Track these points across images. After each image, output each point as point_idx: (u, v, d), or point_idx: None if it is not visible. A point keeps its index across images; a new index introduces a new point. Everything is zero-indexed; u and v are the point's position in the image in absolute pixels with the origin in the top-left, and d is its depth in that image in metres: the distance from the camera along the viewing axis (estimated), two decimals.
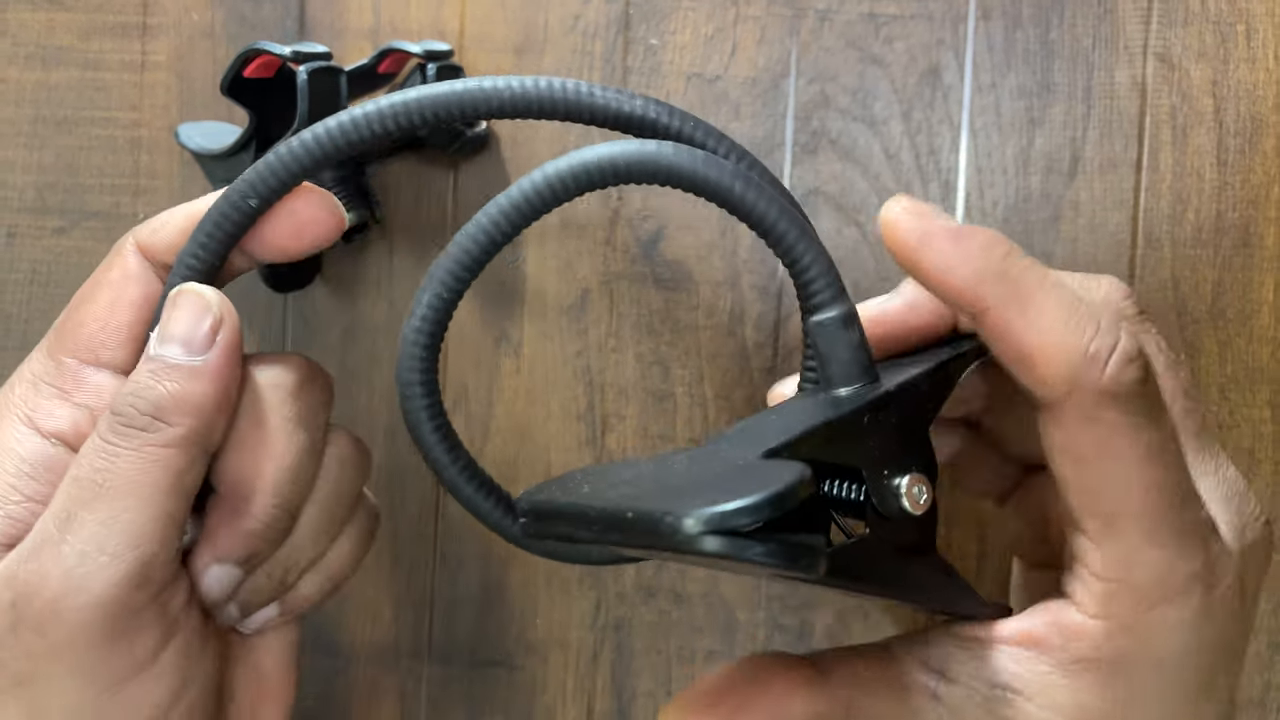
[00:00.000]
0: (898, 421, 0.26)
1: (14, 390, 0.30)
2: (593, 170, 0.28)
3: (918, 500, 0.26)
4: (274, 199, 0.29)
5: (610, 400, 0.41)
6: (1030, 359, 0.24)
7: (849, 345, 0.27)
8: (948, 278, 0.25)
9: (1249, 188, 0.39)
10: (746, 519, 0.21)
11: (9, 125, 0.43)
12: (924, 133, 0.40)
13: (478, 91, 0.28)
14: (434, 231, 0.42)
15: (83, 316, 0.30)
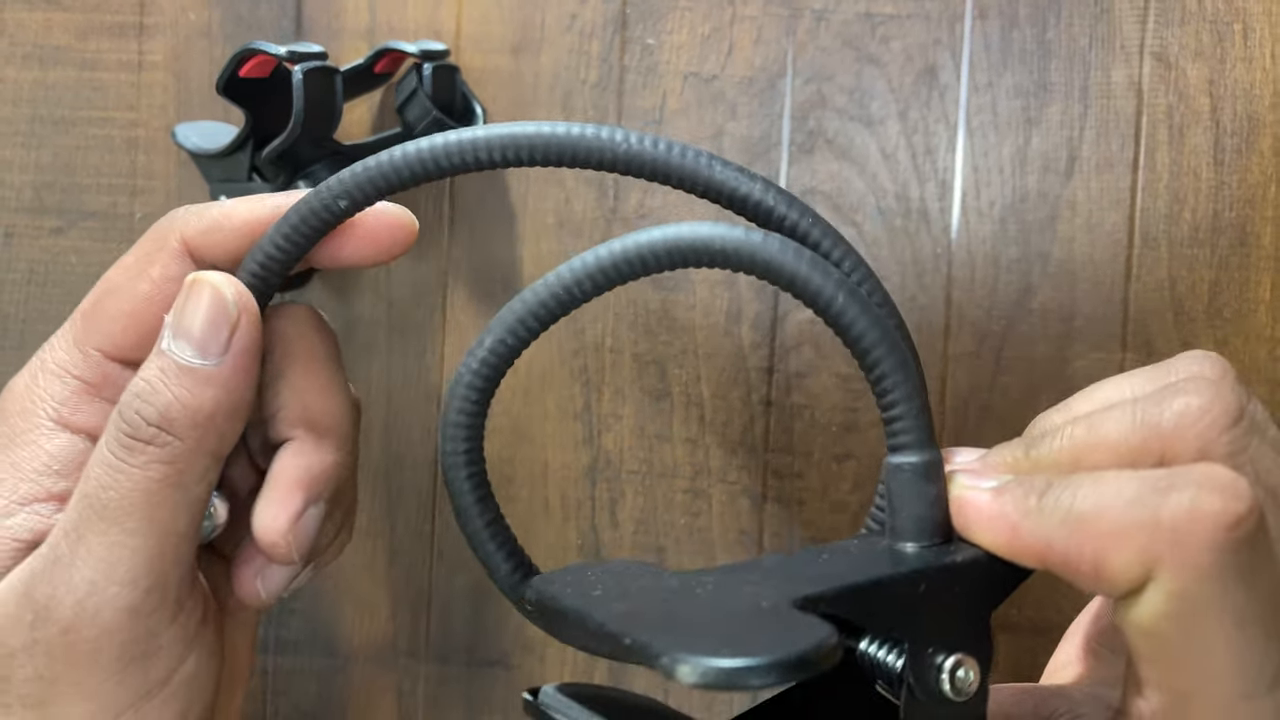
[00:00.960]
0: (957, 598, 0.23)
1: (38, 381, 0.28)
2: (694, 248, 0.25)
3: (962, 685, 0.23)
4: (366, 204, 0.28)
5: (607, 400, 0.41)
6: (1101, 568, 0.21)
7: (925, 499, 0.24)
8: (997, 543, 0.23)
9: (1246, 187, 0.39)
10: (746, 680, 0.19)
11: (6, 125, 0.43)
12: (921, 132, 0.40)
13: (594, 141, 0.26)
14: (431, 232, 0.42)
15: (114, 309, 0.28)
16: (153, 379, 0.26)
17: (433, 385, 0.42)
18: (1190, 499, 0.20)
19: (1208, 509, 0.20)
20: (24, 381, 0.29)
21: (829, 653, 0.19)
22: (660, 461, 0.41)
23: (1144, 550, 0.20)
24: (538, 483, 0.42)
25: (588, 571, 0.25)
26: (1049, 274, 0.40)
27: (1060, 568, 0.22)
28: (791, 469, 0.41)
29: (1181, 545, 0.20)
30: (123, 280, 0.28)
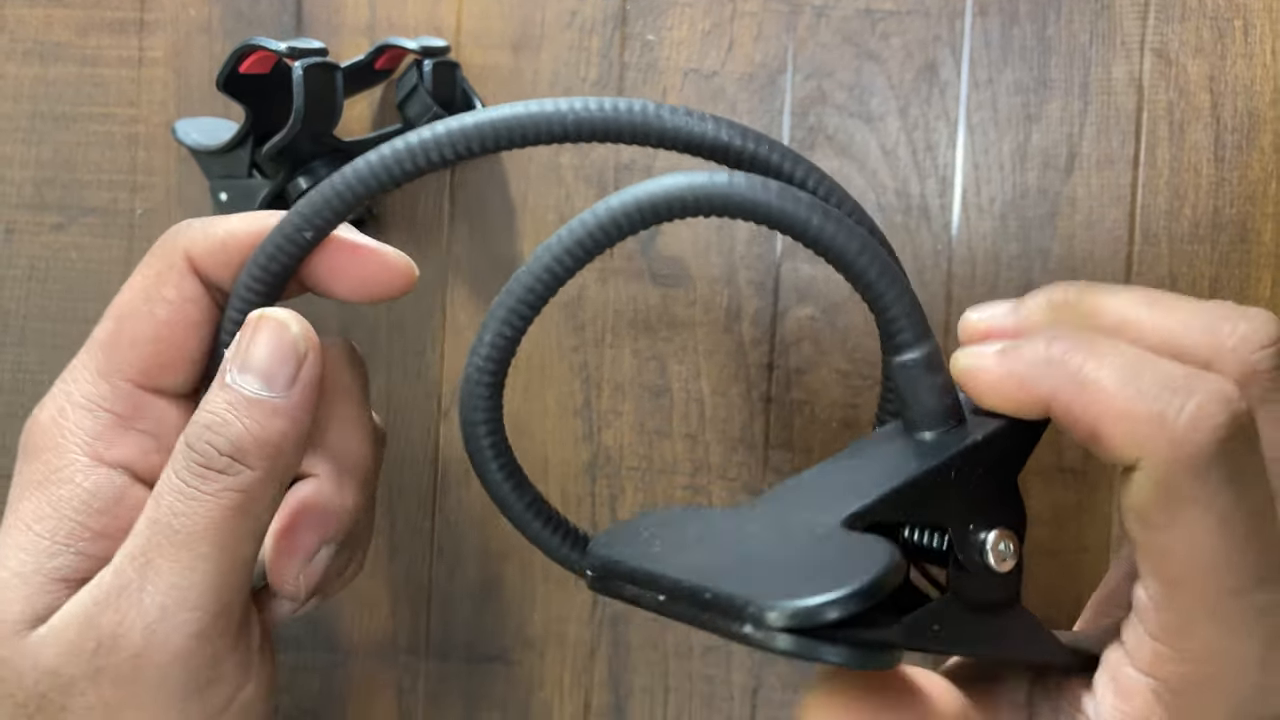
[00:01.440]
0: (985, 473, 0.24)
1: (66, 415, 0.28)
2: (660, 204, 0.26)
3: (1004, 558, 0.24)
4: (329, 229, 0.29)
5: (607, 396, 0.41)
6: (1098, 432, 0.23)
7: (933, 389, 0.26)
8: (1004, 390, 0.24)
9: (1246, 183, 0.39)
10: (835, 613, 0.20)
11: (7, 121, 0.43)
12: (921, 129, 0.40)
13: (539, 115, 0.26)
14: (430, 229, 0.42)
15: (135, 335, 0.28)
16: (221, 411, 0.26)
17: (432, 382, 0.42)
18: (1196, 404, 0.22)
19: (1205, 414, 0.21)
20: (50, 415, 0.28)
21: (897, 570, 0.20)
22: (660, 458, 0.41)
23: (1140, 435, 0.22)
24: (537, 479, 0.41)
25: (639, 528, 0.25)
26: (1049, 270, 0.40)
27: (1061, 420, 0.23)
28: (792, 465, 0.41)
29: (1173, 441, 0.22)
30: (138, 304, 0.28)
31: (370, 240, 0.29)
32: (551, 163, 0.41)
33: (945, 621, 0.24)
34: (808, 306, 0.41)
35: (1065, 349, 0.23)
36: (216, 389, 0.27)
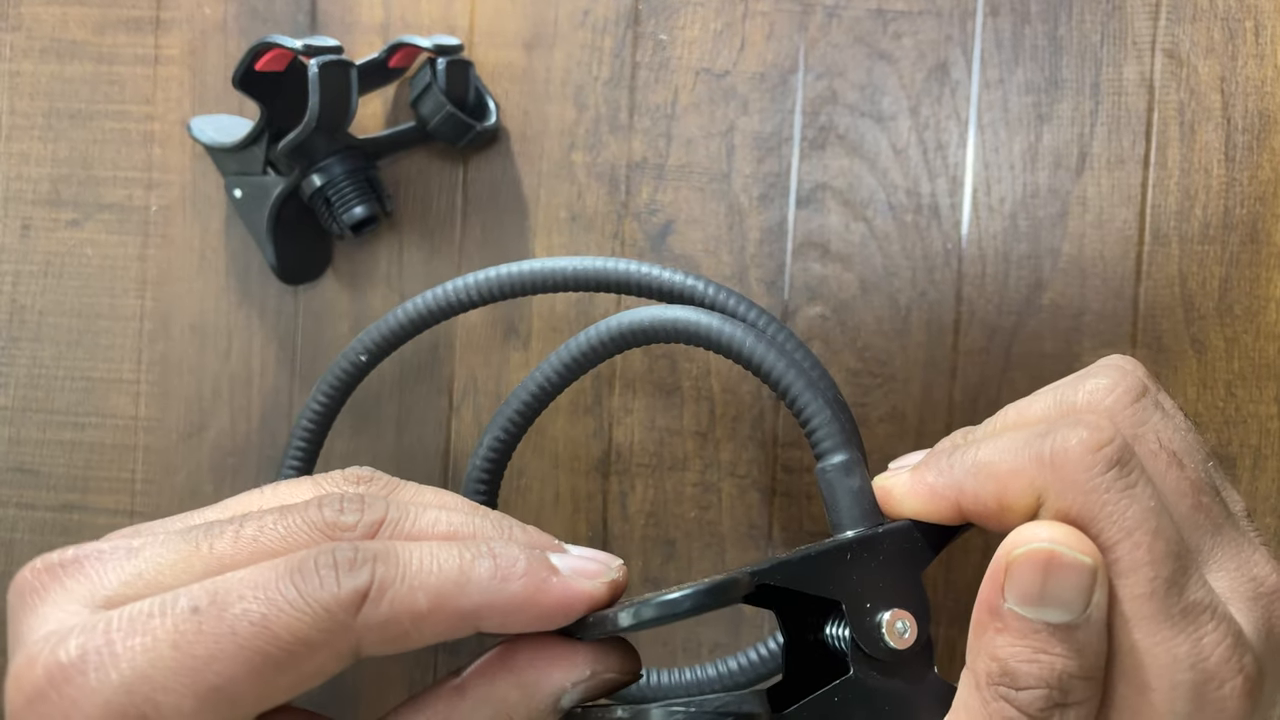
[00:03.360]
0: (885, 561, 0.27)
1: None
2: (638, 330, 0.32)
3: (900, 635, 0.26)
4: (382, 355, 0.36)
5: (618, 394, 0.42)
6: (1002, 501, 0.26)
7: (849, 491, 0.29)
8: (922, 507, 0.27)
9: (1257, 184, 0.39)
10: (687, 604, 0.24)
11: (24, 118, 0.43)
12: (931, 128, 0.40)
13: (546, 273, 0.35)
14: (444, 226, 0.42)
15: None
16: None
17: (444, 378, 0.42)
18: (1062, 435, 0.25)
19: (1075, 439, 0.24)
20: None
21: (737, 583, 0.24)
22: (670, 455, 0.41)
23: (1033, 480, 0.25)
24: (549, 475, 0.42)
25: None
26: (1059, 270, 0.40)
27: (971, 509, 0.26)
28: (801, 463, 0.41)
29: (1059, 470, 0.24)
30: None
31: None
32: (564, 160, 0.42)
33: (848, 697, 0.26)
34: (818, 305, 0.41)
35: (956, 452, 0.27)
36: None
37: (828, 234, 0.41)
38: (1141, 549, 0.24)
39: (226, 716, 0.22)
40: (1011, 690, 0.24)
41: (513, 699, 0.25)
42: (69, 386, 0.44)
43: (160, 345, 0.43)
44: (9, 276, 0.44)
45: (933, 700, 0.27)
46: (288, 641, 0.22)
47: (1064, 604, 0.24)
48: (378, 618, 0.23)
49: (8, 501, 0.44)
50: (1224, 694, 0.24)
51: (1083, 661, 0.24)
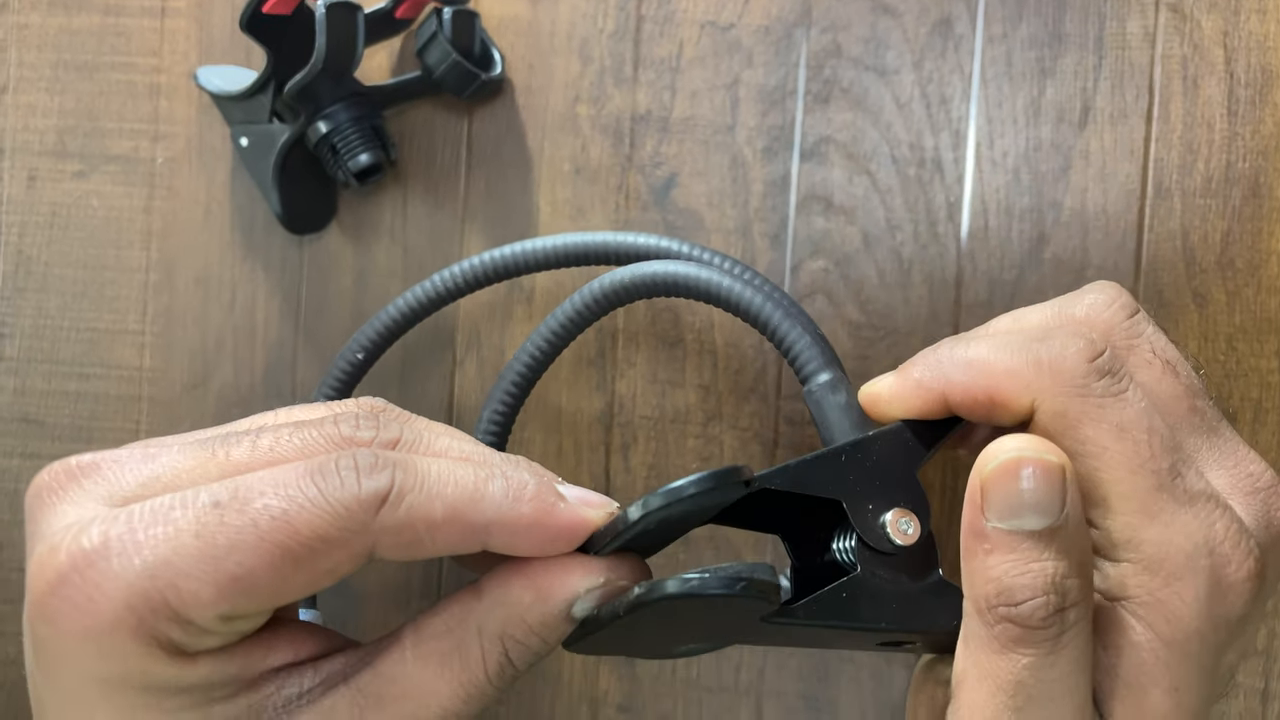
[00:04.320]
0: (880, 462, 0.28)
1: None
2: (620, 289, 0.34)
3: (904, 532, 0.27)
4: (378, 352, 0.38)
5: (621, 347, 0.42)
6: (993, 397, 0.27)
7: (837, 406, 0.30)
8: (908, 403, 0.28)
9: (1259, 138, 0.39)
10: (689, 490, 0.24)
11: (31, 70, 0.44)
12: (935, 82, 0.40)
13: (539, 250, 0.37)
14: (448, 179, 0.42)
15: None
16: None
17: (447, 330, 0.42)
18: (1060, 343, 0.26)
19: (1073, 348, 0.26)
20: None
21: (739, 471, 0.25)
22: (673, 407, 0.42)
23: (1030, 383, 0.26)
24: (552, 427, 0.42)
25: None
26: (1061, 224, 0.40)
27: (959, 403, 0.27)
28: (803, 416, 0.41)
29: (1056, 373, 0.26)
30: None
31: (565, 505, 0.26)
32: (568, 113, 0.42)
33: (856, 593, 0.27)
34: (820, 259, 0.41)
35: (946, 347, 0.28)
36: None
37: (831, 187, 0.41)
38: (1141, 445, 0.25)
39: (244, 607, 0.23)
40: (1011, 607, 0.24)
41: (526, 601, 0.25)
42: (74, 338, 0.44)
43: (165, 297, 0.43)
44: (15, 228, 0.44)
45: (937, 599, 0.27)
46: (307, 537, 0.22)
47: (1042, 508, 0.24)
48: (395, 521, 0.23)
49: (12, 452, 0.44)
50: (1239, 575, 0.25)
51: (1071, 560, 0.24)
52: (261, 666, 0.25)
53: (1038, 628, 0.24)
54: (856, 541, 0.27)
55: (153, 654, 0.22)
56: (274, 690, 0.25)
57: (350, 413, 0.25)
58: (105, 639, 0.22)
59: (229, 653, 0.24)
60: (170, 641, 0.23)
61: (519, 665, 0.26)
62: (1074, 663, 0.25)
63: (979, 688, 0.25)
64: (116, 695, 0.23)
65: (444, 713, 0.25)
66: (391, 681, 0.25)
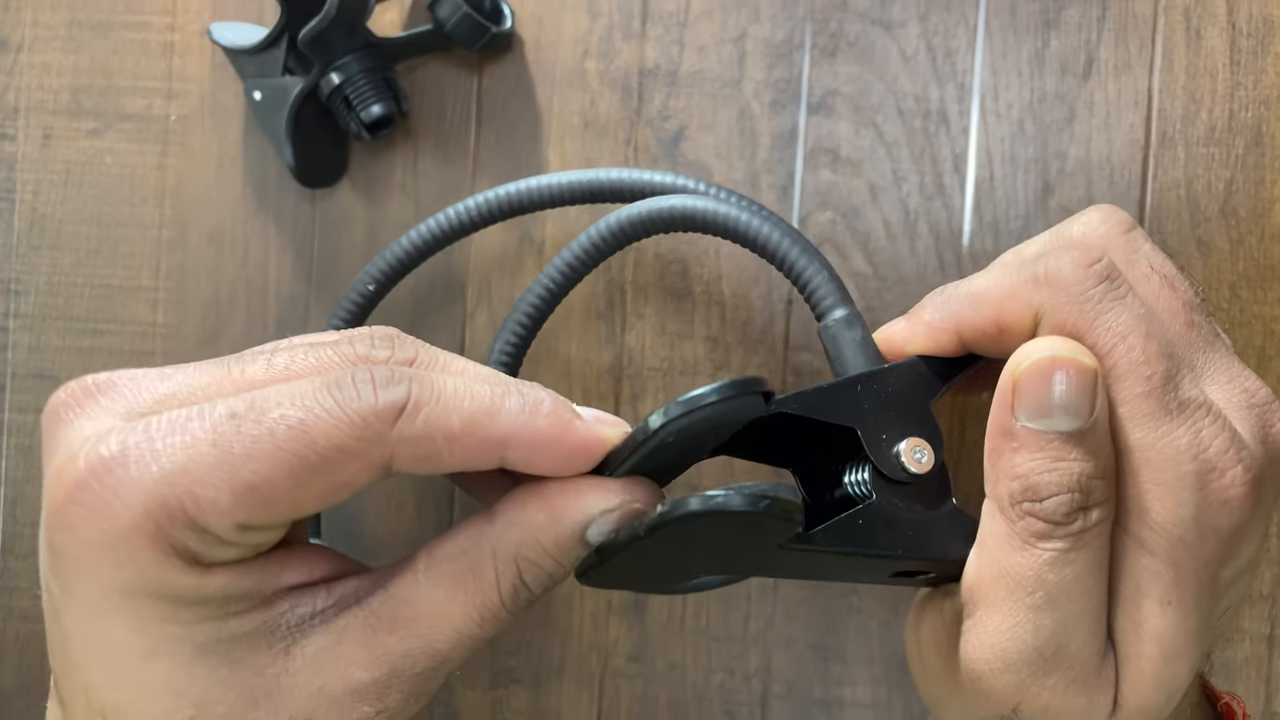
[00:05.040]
0: (894, 393, 0.28)
1: None
2: (638, 222, 0.34)
3: (918, 460, 0.27)
4: (389, 285, 0.39)
5: (630, 299, 0.42)
6: (1000, 323, 0.27)
7: (852, 342, 0.30)
8: (922, 343, 0.29)
9: (1261, 88, 0.40)
10: (713, 396, 0.24)
11: (46, 29, 0.44)
12: (940, 35, 0.41)
13: (539, 188, 0.38)
14: (458, 134, 0.43)
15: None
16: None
17: (457, 286, 0.43)
18: (1055, 257, 0.26)
19: (1067, 259, 0.26)
20: None
21: (762, 383, 0.25)
22: (681, 359, 0.42)
23: (1029, 300, 0.26)
24: (561, 379, 0.42)
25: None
26: (1066, 174, 0.40)
27: (970, 337, 0.28)
28: (811, 366, 0.41)
29: (1054, 286, 0.26)
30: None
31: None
32: (577, 68, 0.42)
33: (873, 520, 0.27)
34: (828, 211, 0.41)
35: (952, 287, 0.28)
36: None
37: (838, 140, 0.41)
38: (1136, 350, 0.25)
39: (260, 516, 0.23)
40: (1036, 503, 0.25)
41: (540, 521, 0.25)
42: (88, 294, 0.44)
43: (178, 253, 0.44)
44: (30, 185, 0.44)
45: (952, 525, 0.27)
46: (324, 447, 0.23)
47: (1073, 409, 0.25)
48: (412, 432, 0.23)
49: (28, 408, 0.45)
50: (1225, 483, 0.25)
51: (1097, 463, 0.25)
52: (276, 584, 0.25)
53: (1060, 523, 0.24)
54: (871, 470, 0.27)
55: (169, 562, 0.23)
56: (287, 609, 0.25)
57: (365, 333, 0.26)
58: (122, 545, 0.22)
59: (245, 567, 0.24)
60: (187, 550, 0.23)
61: (533, 588, 0.26)
62: (1093, 564, 0.25)
63: (996, 587, 0.25)
64: (132, 605, 0.23)
65: (457, 635, 0.25)
66: (404, 604, 0.25)
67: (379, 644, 0.25)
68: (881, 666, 0.41)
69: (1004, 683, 0.26)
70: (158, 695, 0.23)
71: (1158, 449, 0.25)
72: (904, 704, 0.41)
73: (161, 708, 0.23)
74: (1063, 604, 0.25)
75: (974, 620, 0.26)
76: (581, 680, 0.42)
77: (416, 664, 0.25)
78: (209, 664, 0.23)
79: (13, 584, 0.45)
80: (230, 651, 0.24)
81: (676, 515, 0.24)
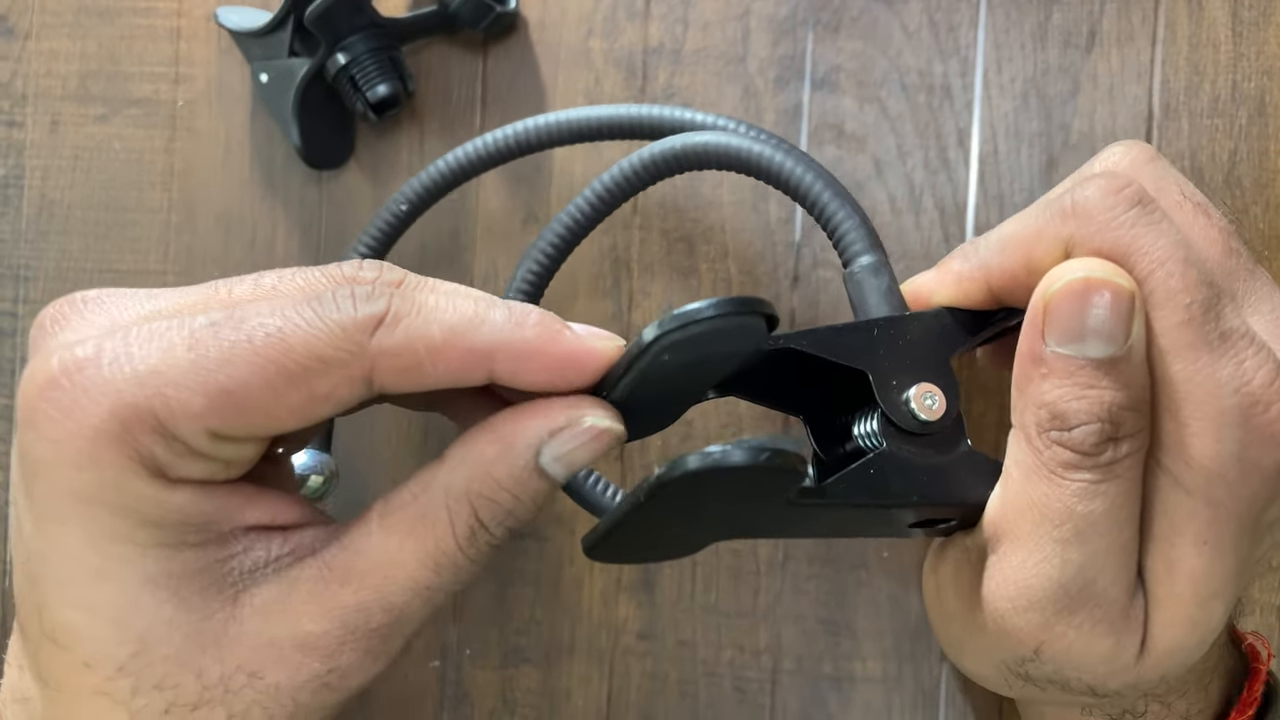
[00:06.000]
0: (913, 341, 0.27)
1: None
2: (670, 157, 0.33)
3: (928, 407, 0.26)
4: (423, 206, 0.38)
5: (636, 277, 0.42)
6: (1031, 264, 0.26)
7: (878, 290, 0.29)
8: (950, 294, 0.28)
9: (1264, 58, 0.40)
10: (708, 311, 0.23)
11: (54, 16, 0.44)
12: (943, 10, 0.41)
13: (559, 124, 0.37)
14: (464, 115, 0.43)
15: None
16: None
17: (465, 264, 0.43)
18: (1080, 189, 0.26)
19: (1094, 188, 0.25)
20: None
21: (762, 302, 0.24)
22: None
23: (1058, 234, 0.25)
24: None
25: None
26: (1071, 147, 0.40)
27: (1000, 284, 0.27)
28: None
29: (1083, 216, 0.25)
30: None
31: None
32: (581, 47, 0.42)
33: (885, 469, 0.26)
34: None
35: (981, 238, 0.28)
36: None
37: (842, 116, 0.41)
38: (1175, 277, 0.24)
39: (234, 422, 0.22)
40: (1064, 432, 0.24)
41: (490, 455, 0.24)
42: (97, 279, 0.44)
43: (186, 236, 0.44)
44: (39, 171, 0.45)
45: (968, 468, 0.27)
46: (302, 355, 0.22)
47: (1107, 335, 0.23)
48: (392, 343, 0.23)
49: None
50: (1271, 417, 0.24)
51: (1130, 393, 0.24)
52: (237, 519, 0.24)
53: (1089, 453, 0.24)
54: (880, 419, 0.26)
55: (132, 468, 0.22)
56: (241, 550, 0.24)
57: (355, 261, 0.25)
58: (87, 446, 0.22)
59: (208, 490, 0.23)
60: (153, 459, 0.22)
61: (492, 528, 0.25)
62: (1123, 496, 0.24)
63: (1022, 520, 0.24)
64: (89, 514, 0.22)
65: (413, 584, 0.24)
66: (358, 554, 0.24)
67: (331, 596, 0.24)
68: (891, 640, 0.41)
69: (1027, 621, 0.25)
70: (103, 621, 0.23)
71: (1198, 381, 0.24)
72: (914, 677, 0.41)
73: (106, 635, 0.23)
74: (1091, 538, 0.24)
75: (998, 555, 0.25)
76: (592, 658, 0.43)
77: (371, 618, 0.24)
78: (157, 598, 0.23)
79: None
80: (179, 589, 0.23)
81: (675, 475, 0.23)
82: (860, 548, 0.41)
